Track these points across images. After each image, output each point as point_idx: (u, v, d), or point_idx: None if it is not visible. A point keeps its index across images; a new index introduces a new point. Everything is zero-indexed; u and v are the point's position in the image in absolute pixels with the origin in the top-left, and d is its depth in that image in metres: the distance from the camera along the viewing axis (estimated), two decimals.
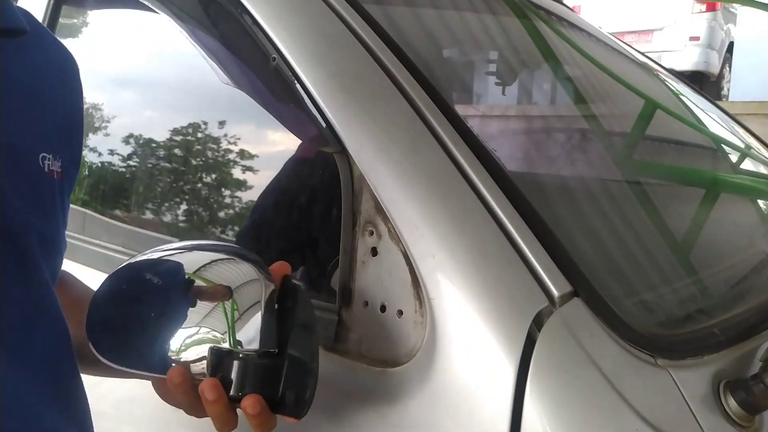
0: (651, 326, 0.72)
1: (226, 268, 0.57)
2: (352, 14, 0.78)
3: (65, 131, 0.63)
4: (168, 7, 0.94)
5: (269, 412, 0.54)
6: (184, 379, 0.55)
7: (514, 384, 0.55)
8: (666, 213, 0.98)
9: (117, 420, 0.85)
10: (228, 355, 0.55)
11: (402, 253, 0.64)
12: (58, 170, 0.59)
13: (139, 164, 1.15)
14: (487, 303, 0.58)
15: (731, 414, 0.61)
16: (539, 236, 0.63)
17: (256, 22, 0.78)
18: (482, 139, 0.71)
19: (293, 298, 0.58)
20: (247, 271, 0.57)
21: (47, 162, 0.58)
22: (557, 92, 1.29)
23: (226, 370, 0.55)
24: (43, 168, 0.57)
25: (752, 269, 1.02)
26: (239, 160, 0.97)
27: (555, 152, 1.10)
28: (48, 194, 0.58)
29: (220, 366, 0.55)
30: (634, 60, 1.52)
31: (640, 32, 7.02)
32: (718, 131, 1.44)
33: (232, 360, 0.55)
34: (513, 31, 1.24)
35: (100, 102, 1.24)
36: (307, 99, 0.71)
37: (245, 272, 0.57)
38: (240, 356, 0.55)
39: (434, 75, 0.84)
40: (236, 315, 0.56)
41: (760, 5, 1.48)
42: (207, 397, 0.53)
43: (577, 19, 1.48)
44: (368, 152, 0.67)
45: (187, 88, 1.09)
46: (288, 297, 0.58)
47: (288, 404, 0.54)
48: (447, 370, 0.59)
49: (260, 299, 0.56)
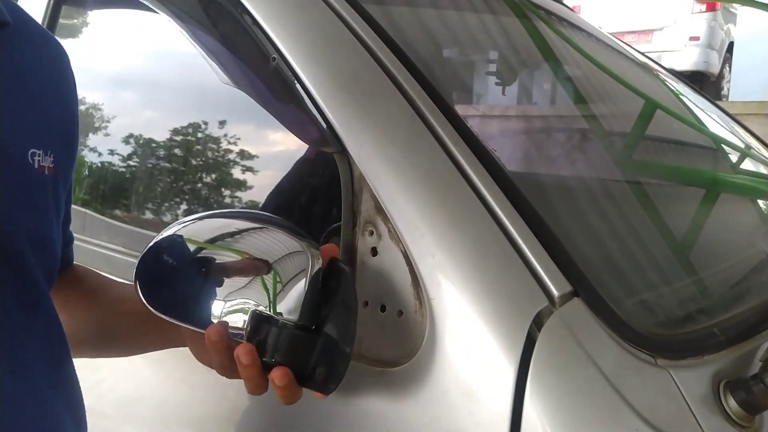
0: (651, 326, 0.72)
1: (283, 239, 0.59)
2: (351, 14, 0.78)
3: (57, 126, 0.62)
4: (168, 7, 0.94)
5: (296, 386, 0.55)
6: (221, 338, 0.56)
7: (514, 384, 0.55)
8: (666, 213, 0.98)
9: (117, 420, 0.85)
10: (267, 321, 0.57)
11: (402, 253, 0.64)
12: (49, 166, 0.58)
13: (139, 164, 1.15)
14: (487, 303, 0.58)
15: (731, 414, 0.61)
16: (539, 236, 0.63)
17: (256, 22, 0.78)
18: (482, 139, 0.71)
19: (338, 279, 0.59)
20: (298, 245, 0.59)
21: (37, 158, 0.57)
22: (557, 92, 1.29)
23: (263, 335, 0.57)
24: (33, 164, 0.56)
25: (752, 269, 1.02)
26: (239, 160, 0.97)
27: (555, 152, 1.10)
28: (39, 191, 0.57)
29: (258, 330, 0.57)
30: (634, 60, 1.51)
31: (640, 32, 7.02)
32: (718, 131, 1.44)
33: (270, 327, 0.57)
34: (513, 31, 1.24)
35: (100, 102, 1.24)
36: (307, 99, 0.71)
37: (296, 246, 0.59)
38: (278, 324, 0.57)
39: (434, 75, 0.84)
40: (280, 285, 0.58)
41: (760, 5, 1.48)
42: (242, 360, 0.55)
43: (577, 19, 1.48)
44: (368, 152, 0.67)
45: (187, 88, 1.09)
46: (333, 278, 0.59)
47: (317, 380, 0.56)
48: (447, 370, 0.59)
49: (307, 274, 0.58)
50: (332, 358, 0.56)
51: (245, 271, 0.58)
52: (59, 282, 0.64)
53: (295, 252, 0.59)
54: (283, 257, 0.58)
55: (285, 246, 0.59)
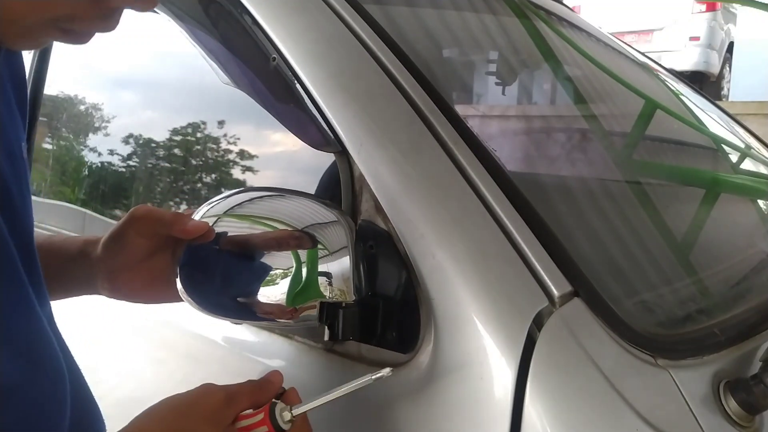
0: (651, 326, 0.72)
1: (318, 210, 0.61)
2: (351, 14, 0.78)
3: (23, 109, 0.60)
4: (168, 7, 0.93)
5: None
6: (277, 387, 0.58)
7: (514, 384, 0.55)
8: (666, 213, 0.98)
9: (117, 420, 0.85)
10: (331, 305, 0.60)
11: (402, 253, 0.64)
12: (25, 153, 0.57)
13: (139, 164, 1.15)
14: (487, 303, 0.58)
15: (731, 414, 0.61)
16: (539, 236, 0.63)
17: (256, 22, 0.78)
18: (482, 139, 0.71)
19: (376, 242, 0.62)
20: (333, 215, 0.61)
21: (24, 147, 0.56)
22: (557, 92, 1.29)
23: (332, 318, 0.60)
24: (22, 154, 0.55)
25: (752, 269, 1.02)
26: (239, 160, 0.97)
27: (555, 152, 1.10)
28: (26, 179, 0.56)
29: (324, 315, 0.60)
30: (634, 60, 1.51)
31: (640, 32, 7.02)
32: (718, 131, 1.44)
33: (336, 309, 0.60)
34: (513, 31, 1.24)
35: (100, 102, 1.24)
36: (307, 99, 0.71)
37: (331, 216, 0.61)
38: (343, 306, 0.60)
39: (434, 75, 0.84)
40: (327, 260, 0.60)
41: (760, 5, 1.48)
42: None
43: (577, 19, 1.48)
44: (368, 152, 0.67)
45: (187, 88, 1.09)
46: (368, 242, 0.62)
47: (391, 342, 0.60)
48: (447, 371, 0.59)
49: (349, 245, 0.60)
50: (399, 318, 0.59)
51: (287, 245, 0.59)
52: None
53: (332, 222, 0.59)
54: (323, 228, 0.59)
55: (322, 216, 0.60)
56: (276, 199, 0.61)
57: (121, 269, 0.66)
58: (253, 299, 0.60)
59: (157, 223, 0.64)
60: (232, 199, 0.61)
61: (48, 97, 1.27)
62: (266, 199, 0.61)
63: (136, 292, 0.68)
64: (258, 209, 0.60)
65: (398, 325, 0.59)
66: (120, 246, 0.66)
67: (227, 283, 0.61)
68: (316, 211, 0.60)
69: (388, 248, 0.61)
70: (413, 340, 0.59)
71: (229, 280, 0.61)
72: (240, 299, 0.61)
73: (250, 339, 0.79)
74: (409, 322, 0.60)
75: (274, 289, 0.60)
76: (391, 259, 0.61)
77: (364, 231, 0.62)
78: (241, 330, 0.80)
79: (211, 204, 0.61)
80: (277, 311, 0.61)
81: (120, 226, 0.66)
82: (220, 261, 0.61)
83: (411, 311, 0.60)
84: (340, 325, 0.59)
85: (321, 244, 0.59)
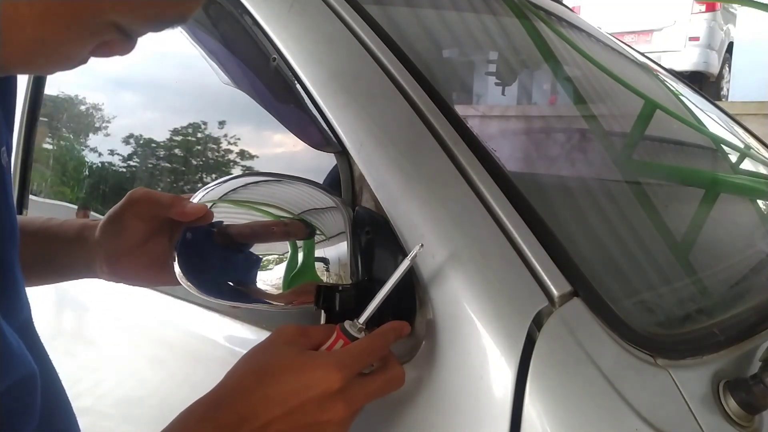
0: (651, 326, 0.72)
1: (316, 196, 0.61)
2: (351, 14, 0.78)
3: (9, 117, 0.57)
4: None
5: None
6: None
7: (514, 384, 0.55)
8: (666, 213, 0.98)
9: (117, 420, 0.85)
10: (328, 287, 0.59)
11: (402, 253, 0.64)
12: (7, 159, 0.54)
13: (139, 164, 1.15)
14: (487, 303, 0.58)
15: (731, 414, 0.61)
16: (539, 236, 0.63)
17: (256, 23, 0.78)
18: (482, 139, 0.71)
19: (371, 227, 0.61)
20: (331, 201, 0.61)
21: (3, 154, 0.53)
22: (557, 92, 1.29)
23: (328, 301, 0.59)
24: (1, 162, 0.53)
25: (752, 269, 1.02)
26: (239, 160, 0.97)
27: (555, 152, 1.10)
28: (7, 186, 0.54)
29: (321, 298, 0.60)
30: (634, 60, 1.52)
31: (639, 32, 7.03)
32: (717, 131, 1.45)
33: (332, 292, 0.59)
34: (513, 32, 1.24)
35: (100, 102, 1.24)
36: (307, 99, 0.72)
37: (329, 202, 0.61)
38: (339, 289, 0.59)
39: (434, 75, 0.84)
40: (324, 245, 0.60)
41: (760, 5, 1.48)
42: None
43: (577, 19, 1.49)
44: (368, 152, 0.67)
45: (188, 88, 1.09)
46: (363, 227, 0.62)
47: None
48: (447, 370, 0.59)
49: (346, 230, 0.60)
50: (396, 302, 0.58)
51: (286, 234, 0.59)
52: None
53: (329, 208, 0.59)
54: (320, 213, 0.59)
55: (320, 202, 0.60)
56: (273, 183, 0.61)
57: (120, 252, 0.66)
58: (251, 283, 0.60)
59: (155, 206, 0.64)
60: (230, 183, 0.61)
61: (48, 97, 1.27)
62: (263, 184, 0.61)
63: (135, 275, 0.68)
64: (255, 194, 0.60)
65: (395, 310, 0.59)
66: (118, 229, 0.65)
67: (225, 266, 0.61)
68: (314, 196, 0.60)
69: (386, 234, 0.60)
70: (410, 323, 0.60)
71: (226, 263, 0.61)
72: (237, 282, 0.61)
73: (250, 338, 0.79)
74: (406, 306, 0.60)
75: (272, 272, 0.60)
76: (387, 245, 0.61)
77: (361, 217, 0.62)
78: (241, 329, 0.80)
79: (208, 189, 0.61)
80: (274, 294, 0.61)
81: (118, 209, 0.66)
82: (218, 244, 0.61)
83: (408, 296, 0.60)
84: (337, 309, 0.59)
85: (318, 229, 0.59)
